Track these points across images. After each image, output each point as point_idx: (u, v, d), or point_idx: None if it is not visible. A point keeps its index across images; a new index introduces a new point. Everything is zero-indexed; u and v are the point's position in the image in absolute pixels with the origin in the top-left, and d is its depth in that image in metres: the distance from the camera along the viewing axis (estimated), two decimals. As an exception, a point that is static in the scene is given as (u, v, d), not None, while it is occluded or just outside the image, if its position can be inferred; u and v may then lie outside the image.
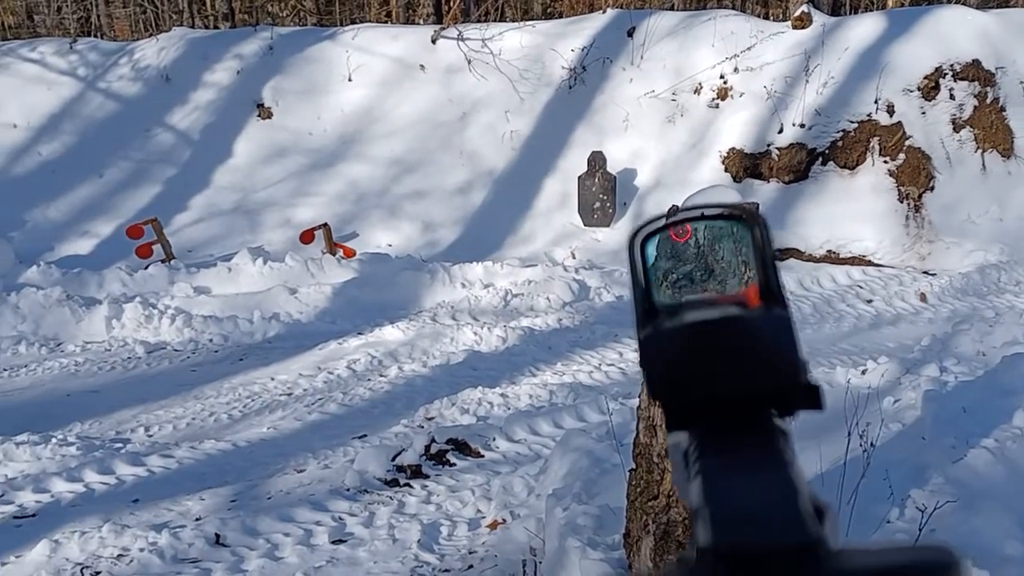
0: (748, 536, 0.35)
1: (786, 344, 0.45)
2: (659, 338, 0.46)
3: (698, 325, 0.45)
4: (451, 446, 4.58)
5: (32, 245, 8.86)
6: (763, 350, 0.45)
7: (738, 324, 0.45)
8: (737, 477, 0.40)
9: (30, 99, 10.66)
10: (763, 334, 0.45)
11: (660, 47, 9.75)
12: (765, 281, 0.47)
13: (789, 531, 0.35)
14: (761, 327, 0.45)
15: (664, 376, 0.46)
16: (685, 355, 0.45)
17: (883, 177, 8.73)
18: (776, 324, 0.45)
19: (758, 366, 0.44)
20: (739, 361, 0.44)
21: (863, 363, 5.62)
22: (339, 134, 10.08)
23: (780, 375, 0.44)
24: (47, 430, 5.07)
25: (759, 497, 0.38)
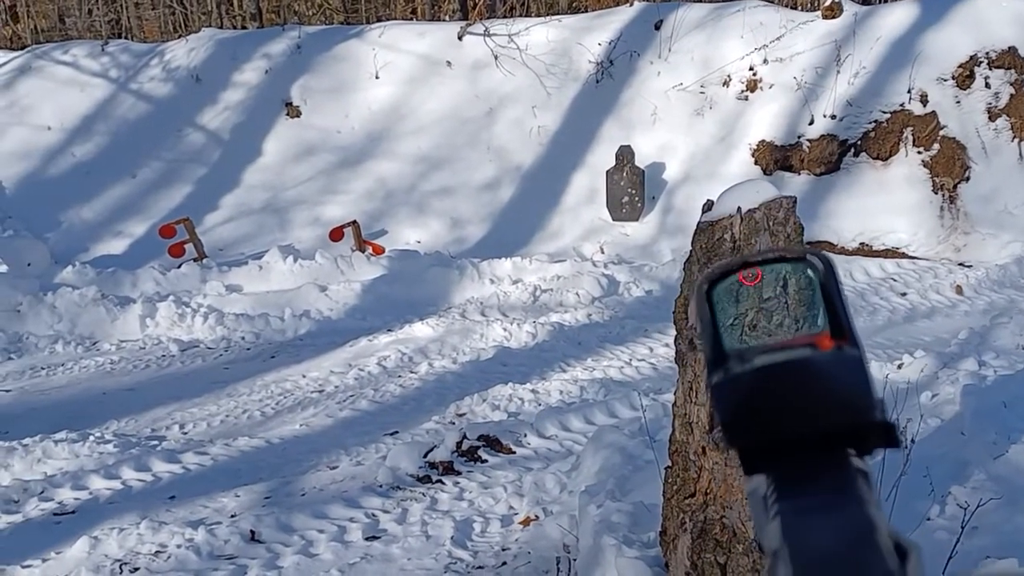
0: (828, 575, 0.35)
1: (859, 383, 0.45)
2: (730, 383, 0.47)
3: (768, 369, 0.46)
4: (483, 442, 4.58)
5: (67, 245, 8.99)
6: (835, 390, 0.44)
7: (809, 365, 0.45)
8: (815, 517, 0.39)
9: (63, 101, 10.81)
10: (835, 374, 0.45)
11: (688, 39, 9.67)
12: (836, 322, 0.47)
13: (867, 570, 0.35)
14: (833, 367, 0.45)
15: (737, 421, 0.46)
16: (757, 399, 0.45)
17: (917, 168, 8.60)
18: (848, 364, 0.45)
19: (831, 406, 0.44)
20: (812, 402, 0.44)
21: (898, 357, 5.55)
22: (367, 132, 10.11)
23: (854, 414, 0.44)
24: (84, 428, 5.14)
25: (837, 536, 0.37)
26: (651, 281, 7.58)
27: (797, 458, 0.44)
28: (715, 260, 2.23)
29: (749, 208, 2.16)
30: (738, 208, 2.18)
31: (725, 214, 2.19)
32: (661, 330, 6.52)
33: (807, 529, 0.38)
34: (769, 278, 0.52)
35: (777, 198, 2.18)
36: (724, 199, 2.25)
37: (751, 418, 0.45)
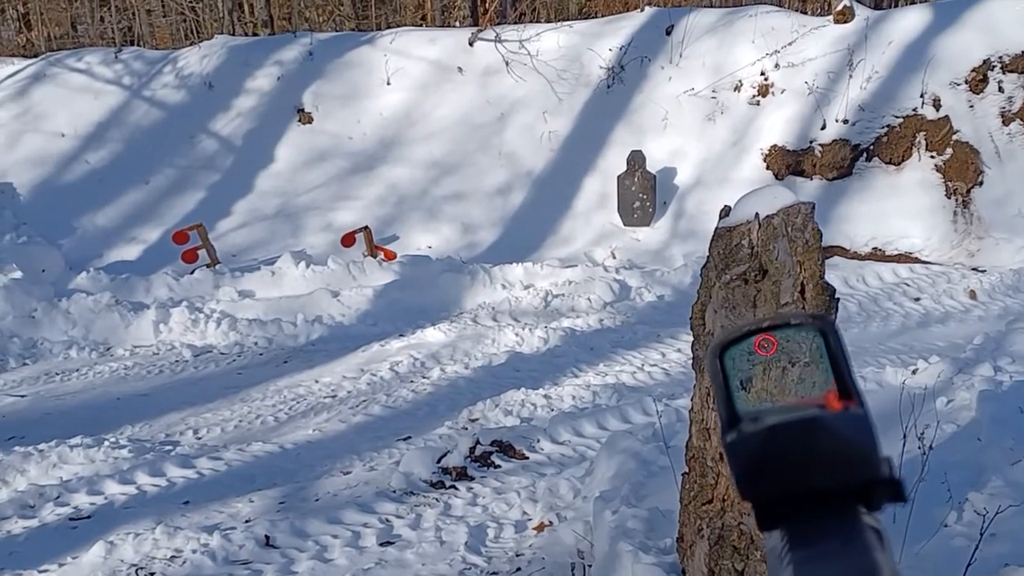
0: None
1: (865, 441, 0.47)
2: (744, 441, 0.49)
3: (780, 427, 0.48)
4: (495, 448, 4.58)
5: (81, 252, 9.05)
6: (844, 448, 0.47)
7: (819, 424, 0.48)
8: (825, 562, 0.42)
9: (77, 108, 10.89)
10: (843, 433, 0.47)
11: (699, 45, 9.67)
12: (842, 384, 0.50)
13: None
14: (840, 426, 0.48)
15: (751, 477, 0.49)
16: (770, 456, 0.48)
17: (930, 172, 8.57)
18: (856, 423, 0.48)
19: (841, 463, 0.47)
20: (822, 459, 0.47)
21: (913, 362, 5.52)
22: (378, 137, 10.15)
23: (863, 470, 0.47)
24: (100, 433, 5.17)
25: None
26: (663, 286, 7.57)
27: (809, 512, 0.47)
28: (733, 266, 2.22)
29: (767, 214, 2.16)
30: (756, 214, 2.18)
31: (743, 220, 2.19)
32: (673, 335, 6.52)
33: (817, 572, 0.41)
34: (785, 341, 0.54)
35: (795, 204, 2.18)
36: (742, 205, 2.25)
37: (764, 474, 0.48)
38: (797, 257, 2.15)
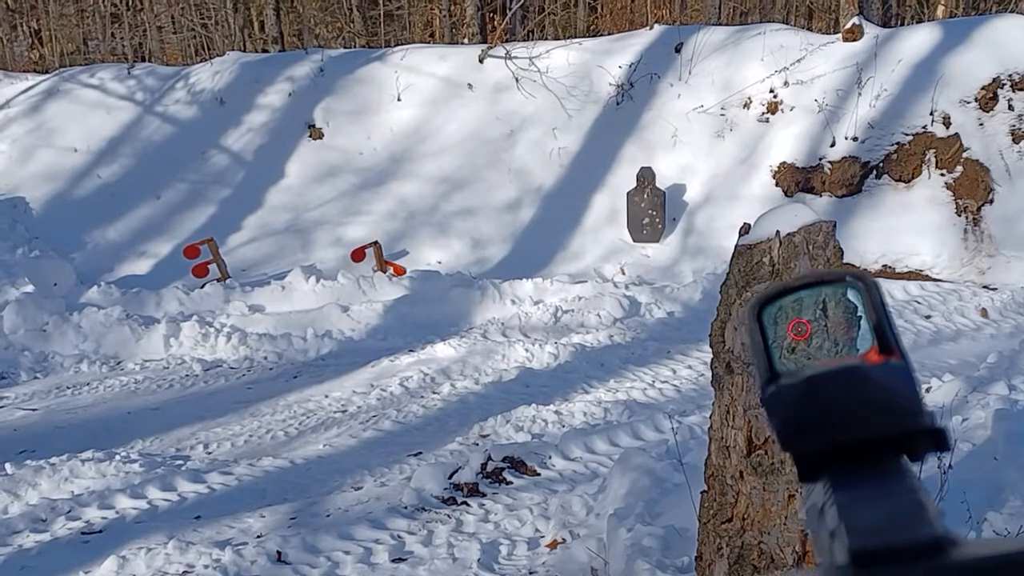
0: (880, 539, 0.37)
1: (906, 391, 0.47)
2: (783, 393, 0.49)
3: (819, 377, 0.48)
4: (507, 464, 4.57)
5: (92, 266, 9.08)
6: (886, 397, 0.47)
7: (858, 374, 0.47)
8: (869, 501, 0.42)
9: (90, 124, 10.97)
10: (884, 383, 0.47)
11: (708, 62, 9.71)
12: (883, 339, 0.49)
13: (916, 531, 0.37)
14: (881, 377, 0.47)
15: (791, 427, 0.48)
16: (810, 406, 0.47)
17: (940, 190, 8.56)
18: (895, 373, 0.48)
19: (882, 412, 0.46)
20: (863, 409, 0.46)
21: (926, 381, 5.50)
22: (389, 153, 10.19)
23: (905, 419, 0.46)
24: (110, 447, 5.17)
25: (889, 513, 0.40)
26: (672, 302, 7.56)
27: (851, 462, 0.46)
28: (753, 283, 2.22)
29: (788, 232, 2.16)
30: (777, 232, 2.18)
31: (763, 237, 2.19)
32: (684, 352, 6.50)
33: (861, 509, 0.40)
34: (808, 301, 0.55)
35: (816, 222, 2.18)
36: (762, 222, 2.25)
37: (805, 424, 0.47)
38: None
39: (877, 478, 0.44)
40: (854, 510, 0.41)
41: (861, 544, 0.38)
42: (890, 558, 0.37)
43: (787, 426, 0.48)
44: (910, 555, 0.36)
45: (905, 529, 0.38)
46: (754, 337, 0.51)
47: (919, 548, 0.37)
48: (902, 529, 0.38)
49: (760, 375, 0.50)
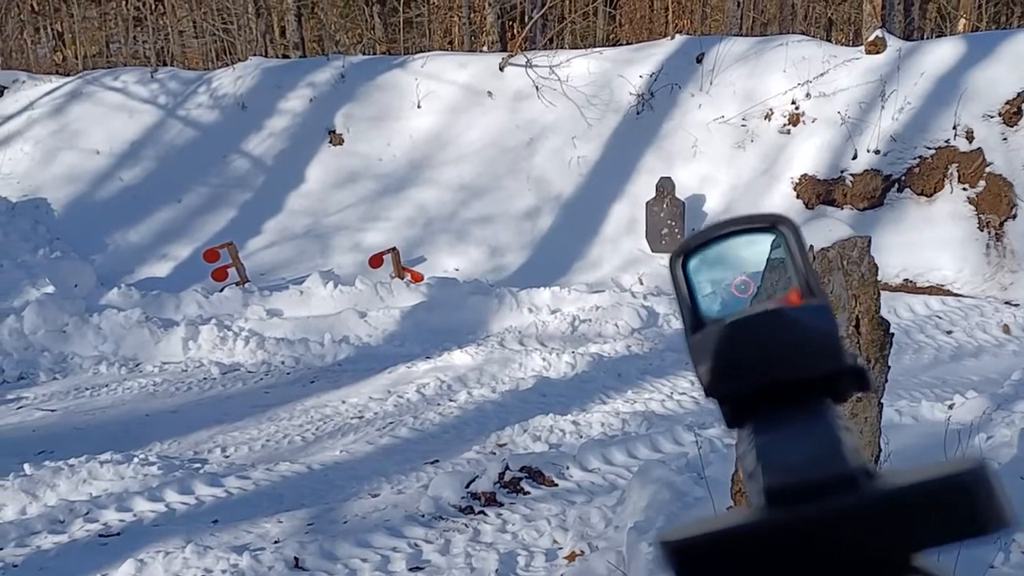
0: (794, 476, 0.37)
1: (828, 332, 0.47)
2: (706, 338, 0.49)
3: (740, 322, 0.48)
4: (524, 474, 4.55)
5: (113, 268, 9.14)
6: (805, 338, 0.46)
7: (779, 316, 0.47)
8: (787, 440, 0.41)
9: (113, 126, 11.05)
10: (804, 324, 0.47)
11: (730, 73, 9.68)
12: (804, 282, 0.49)
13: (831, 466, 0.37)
14: (801, 317, 0.47)
15: (714, 372, 0.48)
16: (732, 349, 0.47)
17: (962, 204, 8.49)
18: (816, 314, 0.47)
19: (803, 355, 0.46)
20: (785, 351, 0.46)
21: (947, 397, 5.44)
22: (408, 160, 10.22)
23: (825, 361, 0.46)
24: (128, 449, 5.19)
25: (807, 449, 0.39)
26: (691, 314, 7.52)
27: (774, 405, 0.46)
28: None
29: (822, 247, 2.14)
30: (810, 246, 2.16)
31: (794, 251, 2.16)
32: (702, 364, 6.46)
33: (779, 449, 0.40)
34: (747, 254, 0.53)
35: (851, 237, 2.16)
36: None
37: (727, 369, 0.47)
38: (852, 291, 2.13)
39: (798, 419, 0.44)
40: (771, 451, 0.40)
41: (774, 482, 0.37)
42: (803, 494, 0.36)
43: (710, 372, 0.48)
44: (824, 490, 0.36)
45: (821, 465, 0.37)
46: (678, 287, 0.52)
47: (833, 483, 0.36)
48: (818, 466, 0.37)
49: (685, 324, 0.51)
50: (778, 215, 0.52)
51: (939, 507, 0.34)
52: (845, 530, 0.34)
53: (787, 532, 0.35)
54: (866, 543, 0.34)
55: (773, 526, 0.35)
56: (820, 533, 0.34)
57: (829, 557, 0.34)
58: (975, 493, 0.35)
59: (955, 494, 0.35)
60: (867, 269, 2.03)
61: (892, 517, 0.34)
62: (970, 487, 0.35)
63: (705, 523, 0.37)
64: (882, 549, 0.34)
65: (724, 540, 0.36)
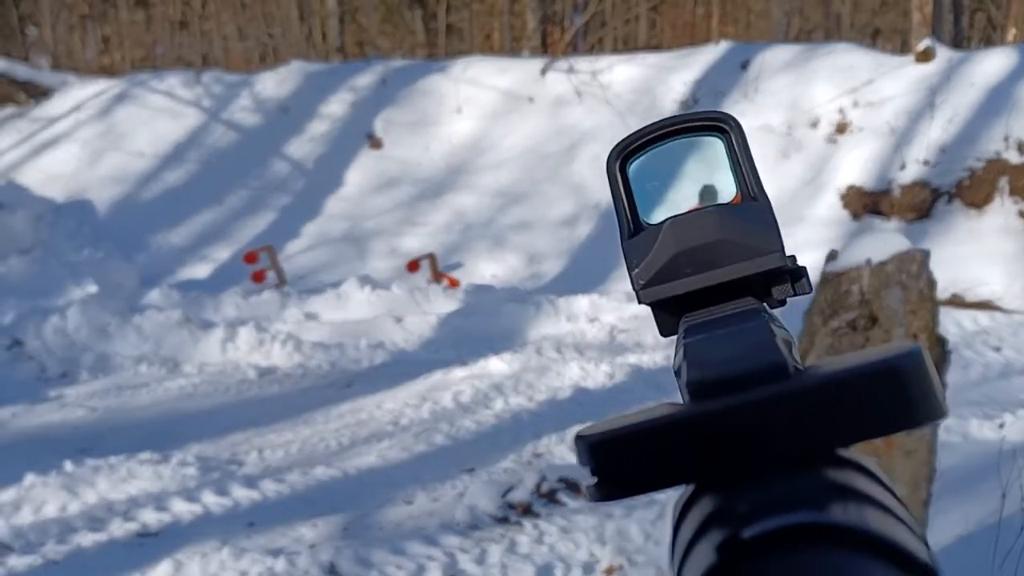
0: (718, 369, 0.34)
1: (767, 230, 0.45)
2: (642, 240, 0.47)
3: (676, 221, 0.46)
4: (562, 484, 4.49)
5: (155, 268, 9.25)
6: (743, 237, 0.45)
7: (715, 215, 0.45)
8: (717, 338, 0.38)
9: (157, 128, 11.22)
10: (742, 222, 0.45)
11: (775, 80, 9.55)
12: (745, 186, 0.48)
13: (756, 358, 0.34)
14: (739, 216, 0.45)
15: (649, 275, 0.46)
16: (665, 251, 0.45)
17: (1013, 218, 8.27)
18: (755, 213, 0.46)
19: (741, 253, 0.44)
20: (718, 250, 0.44)
21: (995, 415, 5.28)
22: (447, 165, 10.22)
23: (764, 261, 0.44)
24: (167, 449, 5.22)
25: (735, 345, 0.36)
26: (732, 325, 7.41)
27: (708, 306, 0.45)
28: (841, 313, 2.13)
29: (879, 260, 2.06)
30: (868, 259, 2.08)
31: (852, 265, 2.10)
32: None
33: (706, 346, 0.37)
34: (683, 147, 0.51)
35: (910, 250, 2.07)
36: (851, 249, 2.16)
37: (661, 272, 0.45)
38: (910, 306, 2.05)
39: (728, 317, 0.41)
40: (699, 348, 0.37)
41: (697, 375, 0.34)
42: (727, 387, 0.33)
43: (644, 276, 0.46)
44: (748, 382, 0.33)
45: (743, 358, 0.34)
46: (614, 189, 0.49)
47: (758, 375, 0.33)
48: (740, 358, 0.34)
49: (621, 229, 0.49)
50: (722, 112, 0.49)
51: (869, 395, 0.31)
52: (767, 420, 0.31)
53: (707, 423, 0.32)
54: (790, 433, 0.31)
55: (693, 417, 0.32)
56: (741, 423, 0.32)
57: (751, 449, 0.31)
58: (906, 380, 0.31)
59: (885, 381, 0.31)
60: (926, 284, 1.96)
61: (818, 406, 0.31)
62: (901, 373, 0.31)
63: (624, 418, 0.34)
64: (807, 439, 0.31)
65: (642, 433, 0.33)
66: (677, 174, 0.51)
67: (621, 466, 0.33)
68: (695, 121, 0.50)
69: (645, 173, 0.51)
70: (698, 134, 0.50)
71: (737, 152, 0.49)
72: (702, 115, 0.49)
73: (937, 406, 0.32)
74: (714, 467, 0.32)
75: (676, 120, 0.50)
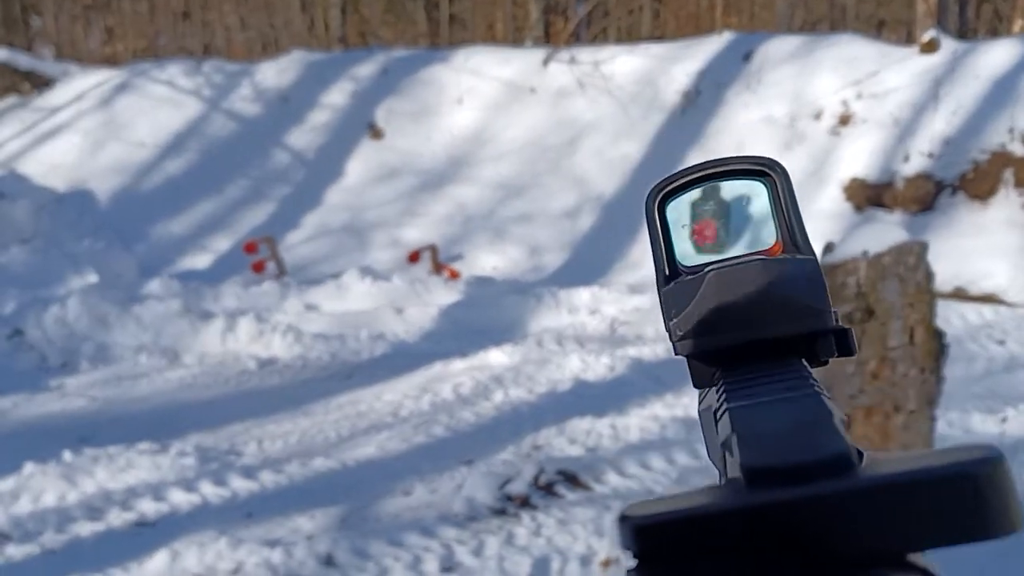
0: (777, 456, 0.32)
1: (812, 288, 0.43)
2: (679, 289, 0.46)
3: (719, 273, 0.44)
4: (560, 477, 4.48)
5: (155, 258, 9.25)
6: (788, 295, 0.43)
7: (765, 268, 0.44)
8: (767, 407, 0.36)
9: (158, 118, 11.19)
10: (787, 278, 0.43)
11: (778, 71, 9.50)
12: (789, 233, 0.46)
13: (817, 445, 0.32)
14: (784, 271, 0.44)
15: (689, 328, 0.44)
16: (706, 303, 0.44)
17: (1017, 211, 8.23)
18: (800, 268, 0.44)
19: (784, 311, 0.43)
20: (763, 308, 0.43)
21: (999, 409, 5.26)
22: (448, 156, 10.19)
23: (808, 320, 0.43)
24: (165, 439, 5.21)
25: (788, 420, 0.35)
26: (733, 317, 7.39)
27: (749, 364, 0.43)
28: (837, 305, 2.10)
29: (876, 252, 2.04)
30: (864, 251, 2.06)
31: (849, 257, 2.07)
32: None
33: (757, 418, 0.35)
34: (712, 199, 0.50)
35: (908, 242, 2.05)
36: (848, 241, 2.13)
37: (701, 324, 0.44)
38: (908, 299, 2.03)
39: (776, 383, 0.39)
40: (749, 420, 0.35)
41: (755, 461, 0.32)
42: (788, 477, 0.30)
43: (684, 328, 0.44)
44: (810, 474, 0.30)
45: (805, 442, 0.32)
46: (652, 230, 0.49)
47: (822, 465, 0.31)
48: (801, 443, 0.32)
49: (657, 273, 0.48)
50: (769, 158, 0.47)
51: (944, 501, 0.29)
52: (834, 519, 0.29)
53: (768, 518, 0.30)
54: (854, 535, 0.29)
55: (750, 508, 0.30)
56: (805, 521, 0.29)
57: (812, 548, 0.29)
58: (986, 490, 0.29)
59: (963, 488, 0.29)
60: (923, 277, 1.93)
61: (888, 508, 0.29)
62: (980, 481, 0.29)
63: (674, 500, 0.32)
64: (872, 542, 0.29)
65: (695, 521, 0.30)
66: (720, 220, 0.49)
67: (667, 554, 0.30)
68: (739, 164, 0.48)
69: (684, 215, 0.50)
70: (741, 178, 0.49)
71: (782, 199, 0.47)
72: (747, 159, 0.48)
73: (1015, 519, 0.29)
74: (771, 565, 0.30)
75: (719, 163, 0.49)
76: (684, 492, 0.33)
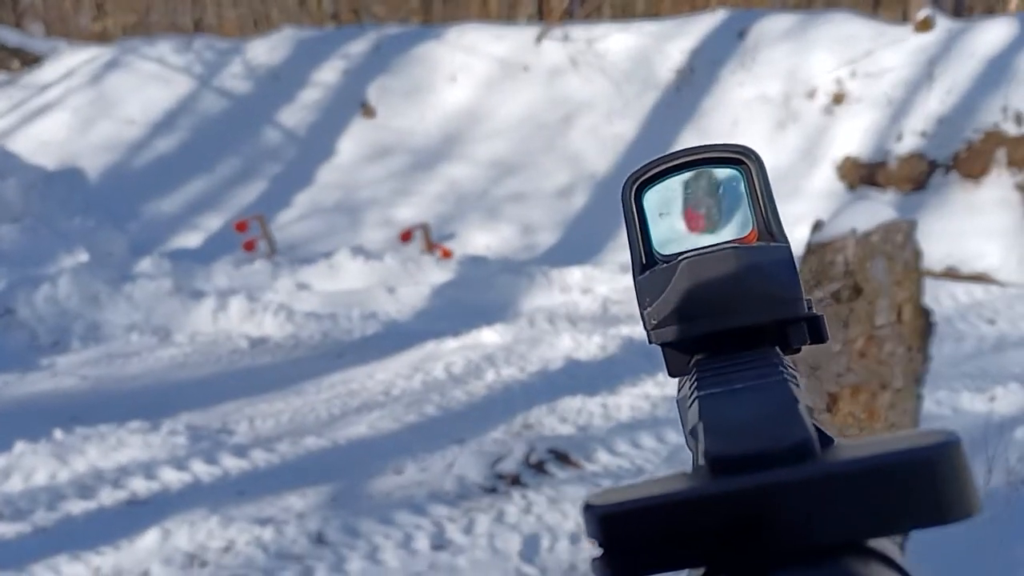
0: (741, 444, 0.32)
1: (785, 276, 0.44)
2: (656, 278, 0.46)
3: (692, 262, 0.44)
4: (551, 455, 4.49)
5: (146, 237, 9.21)
6: (761, 282, 0.43)
7: (738, 256, 0.44)
8: (735, 395, 0.37)
9: (148, 95, 11.10)
10: (759, 266, 0.44)
11: (772, 49, 9.45)
12: (763, 222, 0.47)
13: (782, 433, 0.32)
14: (759, 258, 0.44)
15: (663, 317, 0.45)
16: (680, 292, 0.44)
17: (1010, 191, 8.23)
18: (773, 256, 0.44)
19: (758, 299, 0.43)
20: (737, 295, 0.43)
21: (988, 388, 5.28)
22: (442, 134, 10.14)
23: (782, 308, 0.43)
24: (157, 418, 5.21)
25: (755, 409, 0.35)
26: (725, 297, 7.40)
27: (720, 351, 0.43)
28: (825, 284, 2.10)
29: (865, 230, 2.03)
30: (852, 229, 2.05)
31: (838, 235, 2.07)
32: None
33: (724, 407, 0.36)
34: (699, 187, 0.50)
35: (896, 221, 2.05)
36: (837, 219, 2.13)
37: (675, 312, 0.44)
38: (895, 277, 2.03)
39: (746, 371, 0.39)
40: (715, 408, 0.36)
41: (718, 449, 0.32)
42: (750, 464, 0.31)
43: (655, 314, 0.45)
44: (773, 461, 0.31)
45: (768, 430, 0.33)
46: (629, 219, 0.48)
47: (783, 453, 0.31)
48: (765, 431, 0.33)
49: (634, 260, 0.48)
50: (743, 146, 0.48)
51: (901, 486, 0.29)
52: (794, 506, 0.30)
53: (730, 505, 0.30)
54: (814, 521, 0.30)
55: (712, 496, 0.30)
56: (767, 508, 0.30)
57: (772, 535, 0.30)
58: (942, 475, 0.29)
59: (920, 473, 0.29)
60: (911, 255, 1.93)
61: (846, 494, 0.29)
62: (937, 466, 0.29)
63: (637, 488, 0.32)
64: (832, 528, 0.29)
65: (658, 508, 0.31)
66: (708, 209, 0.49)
67: (631, 543, 0.31)
68: (714, 152, 0.49)
69: (660, 204, 0.49)
70: (717, 166, 0.49)
71: (757, 187, 0.47)
72: (722, 147, 0.48)
73: (971, 503, 0.30)
74: (731, 551, 0.30)
75: (694, 151, 0.49)
76: (648, 480, 0.33)
